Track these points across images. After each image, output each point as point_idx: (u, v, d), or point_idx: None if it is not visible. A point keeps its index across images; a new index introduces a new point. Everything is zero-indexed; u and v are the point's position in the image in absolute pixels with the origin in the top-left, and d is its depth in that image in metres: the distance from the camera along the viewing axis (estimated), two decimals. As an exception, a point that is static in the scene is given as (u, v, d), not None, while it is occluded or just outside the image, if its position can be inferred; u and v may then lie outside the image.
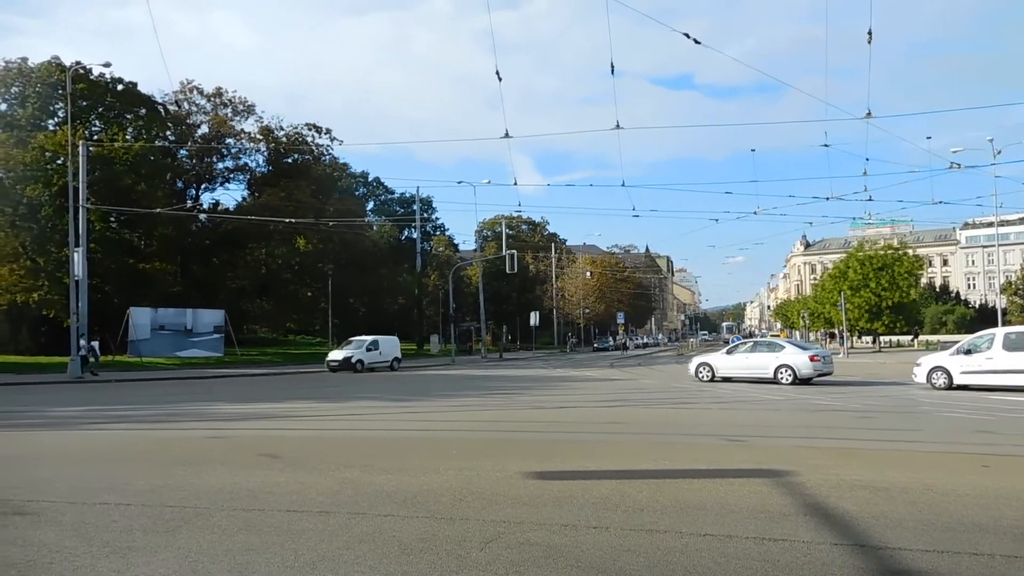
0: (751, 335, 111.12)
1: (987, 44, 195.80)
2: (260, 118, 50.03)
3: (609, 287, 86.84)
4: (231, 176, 51.74)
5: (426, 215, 63.88)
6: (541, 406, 16.56)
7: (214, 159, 49.86)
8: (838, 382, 22.34)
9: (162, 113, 45.68)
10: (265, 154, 50.44)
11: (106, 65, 31.72)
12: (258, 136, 49.34)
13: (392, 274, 57.59)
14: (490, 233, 77.89)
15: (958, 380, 18.78)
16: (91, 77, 40.01)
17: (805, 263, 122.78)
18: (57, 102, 40.38)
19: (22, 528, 5.42)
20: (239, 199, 52.16)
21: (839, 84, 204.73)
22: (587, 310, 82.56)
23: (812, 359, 21.68)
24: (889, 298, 54.54)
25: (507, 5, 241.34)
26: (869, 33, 18.04)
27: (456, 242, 75.69)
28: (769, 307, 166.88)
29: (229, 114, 49.21)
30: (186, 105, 48.06)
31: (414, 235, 61.43)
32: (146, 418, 14.37)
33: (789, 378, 21.33)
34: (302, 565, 4.47)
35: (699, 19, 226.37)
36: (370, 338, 35.87)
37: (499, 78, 20.19)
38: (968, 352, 18.98)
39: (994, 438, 10.57)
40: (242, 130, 49.31)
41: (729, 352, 24.01)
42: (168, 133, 46.17)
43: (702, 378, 23.38)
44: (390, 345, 36.73)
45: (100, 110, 42.51)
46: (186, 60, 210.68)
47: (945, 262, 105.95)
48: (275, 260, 51.06)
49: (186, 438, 11.30)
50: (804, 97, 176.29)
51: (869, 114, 20.87)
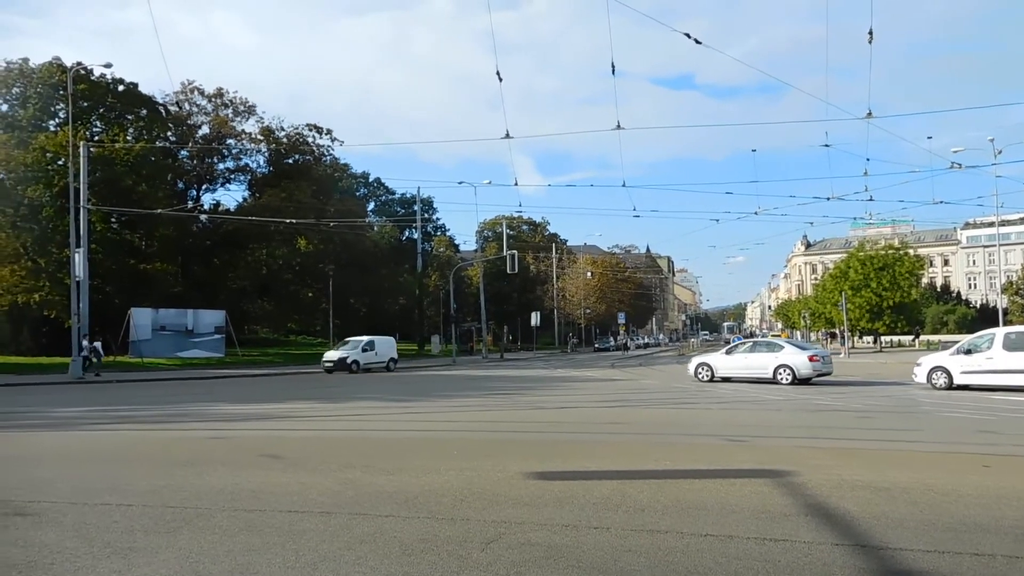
0: (752, 335, 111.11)
1: (987, 44, 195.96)
2: (261, 119, 50.14)
3: (610, 287, 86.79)
4: (232, 177, 51.81)
5: (427, 215, 63.92)
6: (542, 406, 16.55)
7: (215, 160, 49.87)
8: (838, 382, 22.32)
9: (163, 114, 45.71)
10: (266, 155, 50.47)
11: (107, 66, 31.67)
12: (259, 137, 49.40)
13: (393, 274, 57.58)
14: (491, 233, 77.92)
15: (958, 380, 18.75)
16: (92, 78, 40.04)
17: (806, 263, 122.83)
18: (58, 103, 40.42)
19: (23, 529, 5.43)
20: (240, 200, 52.20)
21: (840, 84, 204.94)
22: (588, 310, 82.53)
23: (811, 359, 21.67)
24: (890, 298, 54.53)
25: (507, 5, 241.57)
26: (870, 33, 18.10)
27: (457, 242, 75.95)
28: (770, 307, 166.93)
29: (230, 115, 49.23)
30: (187, 106, 48.05)
31: (415, 235, 61.37)
32: (147, 419, 14.38)
33: (788, 378, 21.33)
34: (303, 566, 4.47)
35: (699, 19, 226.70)
36: (366, 338, 35.76)
37: (500, 78, 20.20)
38: (968, 352, 18.94)
39: (995, 438, 10.56)
40: (243, 131, 49.40)
41: (728, 352, 23.98)
42: (169, 134, 46.25)
43: (701, 378, 23.36)
44: (386, 346, 36.68)
45: (101, 111, 42.57)
46: (187, 60, 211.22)
47: (946, 262, 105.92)
48: (276, 261, 51.06)
49: (187, 439, 11.31)
50: (805, 97, 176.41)
51: (870, 114, 20.96)
